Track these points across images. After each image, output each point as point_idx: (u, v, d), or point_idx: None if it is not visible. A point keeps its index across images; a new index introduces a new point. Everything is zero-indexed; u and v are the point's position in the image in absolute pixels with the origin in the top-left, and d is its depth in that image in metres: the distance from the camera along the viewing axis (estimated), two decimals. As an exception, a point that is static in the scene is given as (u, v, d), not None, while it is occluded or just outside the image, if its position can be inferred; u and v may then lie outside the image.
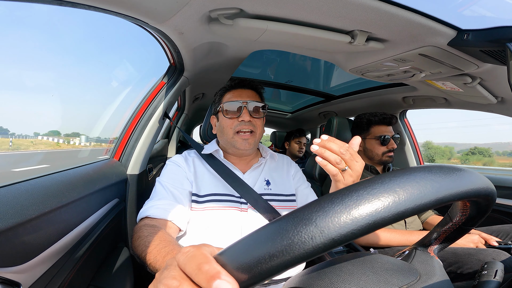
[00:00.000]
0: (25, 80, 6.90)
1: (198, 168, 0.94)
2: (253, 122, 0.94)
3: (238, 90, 0.98)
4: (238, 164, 0.98)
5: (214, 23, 0.87)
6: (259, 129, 0.96)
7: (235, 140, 0.93)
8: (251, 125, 0.93)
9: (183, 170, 0.92)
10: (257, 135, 0.95)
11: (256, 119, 0.95)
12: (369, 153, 1.43)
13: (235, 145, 0.93)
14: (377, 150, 1.40)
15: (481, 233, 1.13)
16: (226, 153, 1.00)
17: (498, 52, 0.80)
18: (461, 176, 0.28)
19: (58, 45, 19.81)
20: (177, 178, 0.89)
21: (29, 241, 0.50)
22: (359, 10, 0.74)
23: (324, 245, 0.23)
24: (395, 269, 0.37)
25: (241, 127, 0.92)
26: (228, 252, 0.27)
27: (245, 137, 0.92)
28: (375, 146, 1.40)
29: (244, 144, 0.92)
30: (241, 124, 0.92)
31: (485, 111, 1.46)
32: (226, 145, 0.97)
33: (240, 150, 0.94)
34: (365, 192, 0.25)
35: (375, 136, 1.40)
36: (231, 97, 0.96)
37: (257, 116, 0.95)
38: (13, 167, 2.27)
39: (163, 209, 0.78)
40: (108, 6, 0.70)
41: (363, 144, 1.46)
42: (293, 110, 3.10)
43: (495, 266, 0.42)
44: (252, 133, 0.93)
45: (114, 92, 1.95)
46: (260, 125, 0.96)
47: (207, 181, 0.91)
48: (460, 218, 0.39)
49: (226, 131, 0.94)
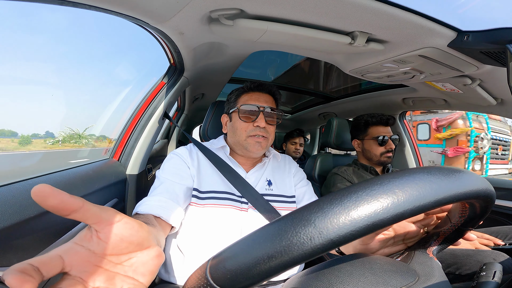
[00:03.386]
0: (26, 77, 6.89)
1: (201, 162, 0.93)
2: (267, 129, 0.93)
3: (256, 94, 0.97)
4: (243, 163, 0.97)
5: (214, 24, 0.87)
6: (272, 135, 0.96)
7: (248, 142, 0.92)
8: (265, 132, 0.92)
9: (185, 165, 0.89)
10: (269, 140, 0.94)
11: (271, 126, 0.94)
12: (367, 154, 1.44)
13: (247, 148, 0.92)
14: (375, 151, 1.40)
15: (484, 235, 1.13)
16: (232, 151, 0.99)
17: (498, 54, 0.80)
18: (460, 178, 0.28)
19: (58, 45, 19.79)
20: (178, 173, 0.86)
21: (27, 241, 0.50)
22: (360, 11, 0.74)
23: (323, 246, 0.23)
24: (393, 270, 0.37)
25: (255, 133, 0.91)
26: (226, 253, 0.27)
27: (258, 140, 0.91)
28: (373, 147, 1.41)
29: (257, 146, 0.91)
30: (256, 129, 0.91)
31: (485, 113, 1.46)
32: (236, 145, 0.96)
33: (251, 153, 0.93)
34: (364, 193, 0.25)
35: (373, 137, 1.41)
36: (248, 100, 0.95)
37: (272, 123, 0.94)
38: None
39: (153, 206, 0.74)
40: (109, 6, 0.70)
41: (361, 145, 1.47)
42: (293, 110, 3.10)
43: (493, 267, 0.42)
44: (264, 138, 0.92)
45: (114, 92, 1.95)
46: (273, 131, 0.96)
47: (209, 177, 0.90)
48: (459, 219, 0.39)
49: (239, 133, 0.93)
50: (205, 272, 0.27)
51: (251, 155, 0.95)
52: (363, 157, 1.48)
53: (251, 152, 0.92)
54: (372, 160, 1.43)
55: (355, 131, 1.50)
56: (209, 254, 0.31)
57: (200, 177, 0.89)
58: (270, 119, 0.93)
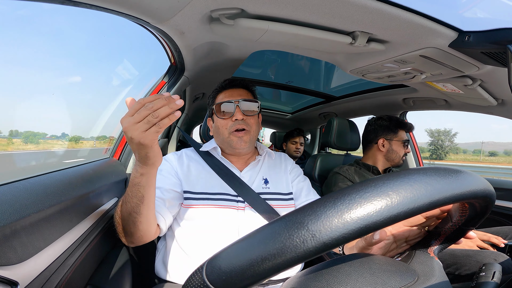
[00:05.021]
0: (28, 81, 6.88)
1: (193, 166, 0.94)
2: (246, 121, 0.93)
3: (229, 90, 0.98)
4: (236, 162, 0.98)
5: (215, 23, 0.87)
6: (253, 127, 0.96)
7: (231, 139, 0.93)
8: (245, 124, 0.93)
9: (172, 169, 0.92)
10: (251, 132, 0.95)
11: (250, 117, 0.95)
12: (391, 154, 1.48)
13: (231, 145, 0.93)
14: (400, 153, 1.48)
15: (486, 234, 1.12)
16: (223, 152, 1.00)
17: (499, 54, 0.80)
18: (456, 178, 0.28)
19: (58, 45, 19.87)
20: (164, 179, 0.88)
21: (27, 240, 0.50)
22: (361, 11, 0.74)
23: (316, 248, 0.24)
24: (393, 270, 0.37)
25: (236, 127, 0.92)
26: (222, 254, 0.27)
27: (239, 135, 0.92)
28: (400, 149, 1.47)
29: (239, 142, 0.92)
30: (235, 123, 0.92)
31: (485, 113, 1.46)
32: (223, 145, 0.98)
33: (236, 149, 0.94)
34: (357, 196, 0.25)
35: (402, 139, 1.47)
36: (223, 98, 0.97)
37: (250, 114, 0.95)
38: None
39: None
40: (110, 5, 0.70)
41: (388, 145, 1.48)
42: (293, 110, 3.10)
43: (493, 268, 0.42)
44: (245, 131, 0.93)
45: (114, 91, 1.95)
46: (254, 123, 0.96)
47: (203, 179, 0.91)
48: (460, 218, 0.39)
49: (221, 132, 0.95)
50: (201, 273, 0.27)
51: (238, 152, 0.96)
52: (382, 157, 1.49)
53: (236, 148, 0.94)
54: (394, 161, 1.49)
55: (384, 130, 1.50)
56: (207, 254, 0.32)
57: (192, 179, 0.90)
58: (247, 111, 0.94)
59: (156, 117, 0.53)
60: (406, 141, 1.48)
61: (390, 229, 0.51)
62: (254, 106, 0.96)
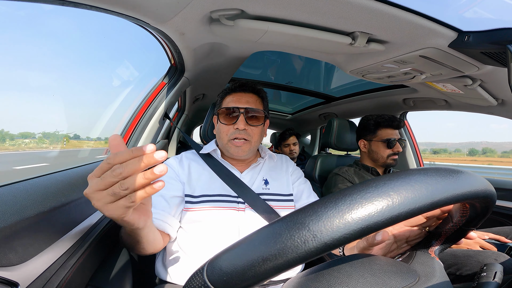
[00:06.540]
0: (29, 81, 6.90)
1: (193, 169, 0.93)
2: (248, 131, 0.90)
3: (238, 94, 0.94)
4: (236, 164, 0.97)
5: (215, 24, 0.87)
6: (255, 137, 0.92)
7: (229, 146, 0.91)
8: (246, 134, 0.89)
9: (174, 173, 0.91)
10: (252, 143, 0.91)
11: (253, 127, 0.91)
12: (373, 155, 1.43)
13: (229, 151, 0.92)
14: (382, 153, 1.39)
15: (488, 234, 1.12)
16: (223, 154, 0.99)
17: (499, 54, 0.80)
18: (457, 179, 0.28)
19: (57, 45, 19.88)
20: (166, 186, 0.86)
21: (27, 241, 0.50)
22: (360, 12, 0.74)
23: (317, 249, 0.24)
24: (393, 271, 0.37)
25: (235, 136, 0.89)
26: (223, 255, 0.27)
27: (238, 144, 0.89)
28: (381, 149, 1.39)
29: (237, 151, 0.90)
30: (236, 132, 0.89)
31: (485, 113, 1.46)
32: (223, 148, 0.97)
33: (234, 156, 0.93)
34: (358, 196, 0.25)
35: (382, 139, 1.39)
36: (230, 102, 0.93)
37: (254, 124, 0.91)
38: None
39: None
40: (110, 6, 0.70)
41: (368, 146, 1.45)
42: (294, 111, 3.10)
43: (494, 268, 0.42)
44: (245, 141, 0.90)
45: (115, 92, 1.95)
46: (256, 133, 0.92)
47: (203, 181, 0.90)
48: (461, 218, 0.39)
49: (222, 136, 0.93)
50: (202, 274, 0.27)
51: (238, 158, 0.95)
52: (367, 158, 1.47)
53: (234, 155, 0.92)
54: (378, 161, 1.42)
55: (363, 131, 1.48)
56: (208, 255, 0.31)
57: (192, 182, 0.89)
58: (252, 121, 0.90)
59: (125, 189, 0.40)
60: (387, 140, 1.38)
61: (391, 230, 0.51)
62: (259, 116, 0.92)
